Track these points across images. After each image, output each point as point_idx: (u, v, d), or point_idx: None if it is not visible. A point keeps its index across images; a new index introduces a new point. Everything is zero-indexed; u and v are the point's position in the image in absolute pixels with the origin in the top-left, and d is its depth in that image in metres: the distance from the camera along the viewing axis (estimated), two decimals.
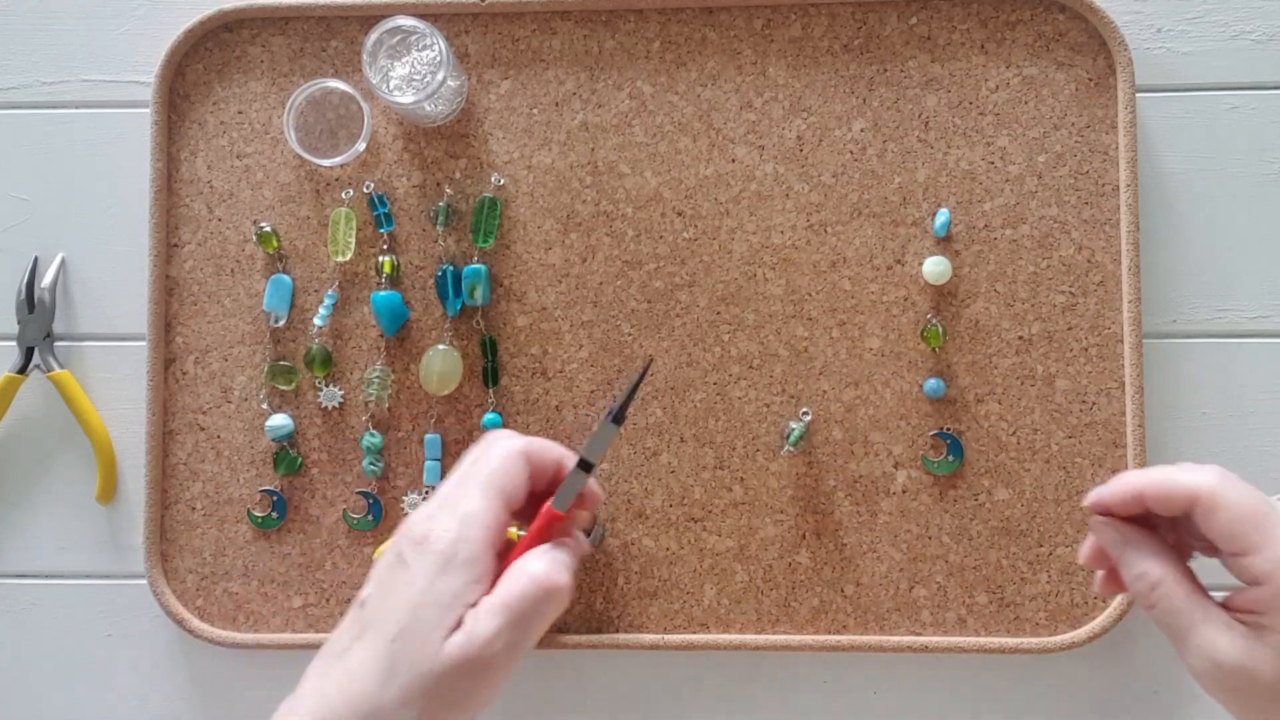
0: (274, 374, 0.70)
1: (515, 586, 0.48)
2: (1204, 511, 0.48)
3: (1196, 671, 0.48)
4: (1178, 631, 0.48)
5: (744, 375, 0.69)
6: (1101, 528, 0.51)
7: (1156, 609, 0.49)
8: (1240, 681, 0.47)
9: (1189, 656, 0.48)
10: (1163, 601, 0.49)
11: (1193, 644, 0.48)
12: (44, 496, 0.72)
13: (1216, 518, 0.47)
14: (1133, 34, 0.70)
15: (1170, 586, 0.49)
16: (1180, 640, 0.48)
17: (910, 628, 0.68)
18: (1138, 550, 0.50)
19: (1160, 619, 0.49)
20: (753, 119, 0.70)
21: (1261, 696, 0.47)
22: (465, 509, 0.49)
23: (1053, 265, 0.68)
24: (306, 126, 0.70)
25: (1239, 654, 0.47)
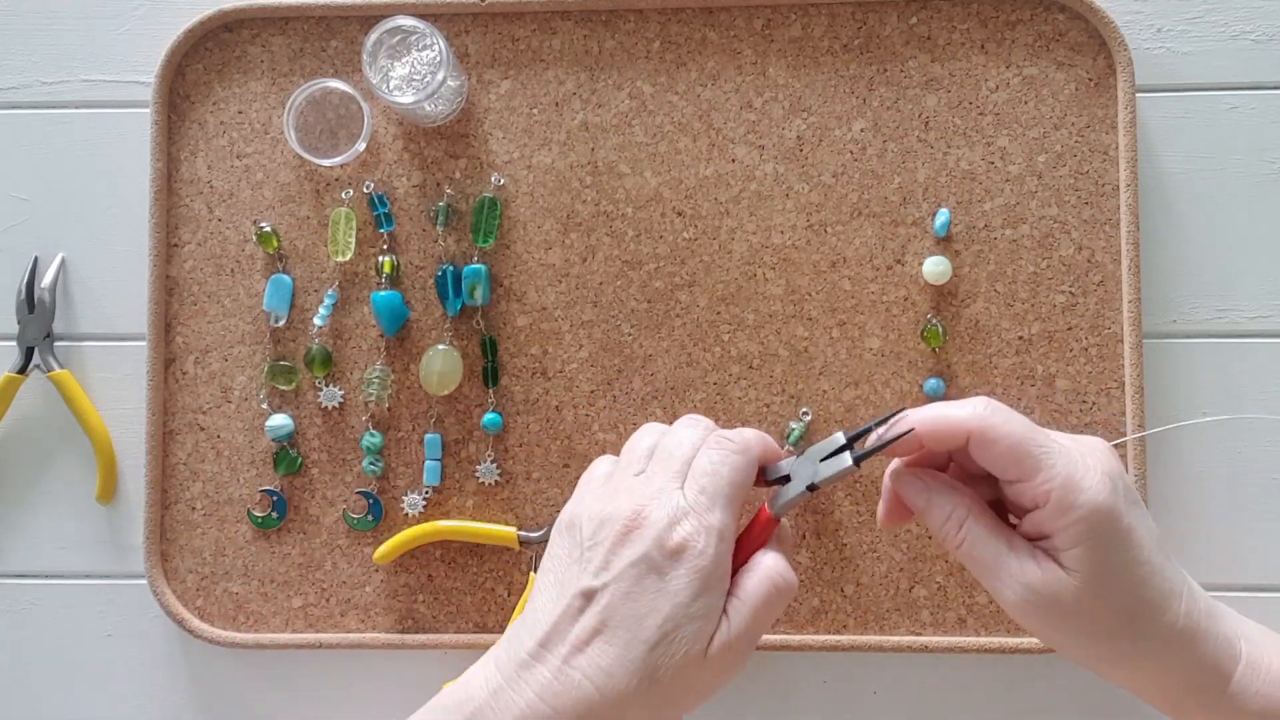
0: (274, 374, 0.70)
1: (760, 588, 0.50)
2: (978, 444, 0.49)
3: (1009, 603, 0.50)
4: (987, 566, 0.50)
5: (744, 375, 0.69)
6: (904, 478, 0.53)
7: (964, 546, 0.51)
8: (1046, 605, 0.49)
9: (1002, 589, 0.50)
10: (969, 536, 0.50)
11: (1003, 575, 0.49)
12: (44, 496, 0.72)
13: (991, 449, 0.49)
14: (1133, 34, 0.70)
15: (975, 522, 0.51)
16: (991, 574, 0.50)
17: (910, 628, 0.68)
18: (941, 493, 0.52)
19: (969, 555, 0.51)
20: (753, 119, 0.70)
21: (1066, 618, 0.49)
22: (718, 525, 0.49)
23: (1053, 265, 0.68)
24: (306, 126, 0.70)
25: (1041, 578, 0.49)
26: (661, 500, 0.50)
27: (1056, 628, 0.50)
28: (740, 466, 0.51)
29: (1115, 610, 0.49)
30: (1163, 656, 0.50)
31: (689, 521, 0.49)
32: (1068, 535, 0.48)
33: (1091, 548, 0.48)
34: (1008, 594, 0.49)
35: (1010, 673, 0.68)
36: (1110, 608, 0.49)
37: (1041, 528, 0.49)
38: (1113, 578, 0.48)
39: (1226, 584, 0.68)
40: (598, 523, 0.50)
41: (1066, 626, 0.49)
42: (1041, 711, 0.68)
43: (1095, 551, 0.48)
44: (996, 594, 0.50)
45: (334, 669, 0.70)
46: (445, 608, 0.69)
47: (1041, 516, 0.49)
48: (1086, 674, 0.68)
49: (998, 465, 0.50)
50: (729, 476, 0.51)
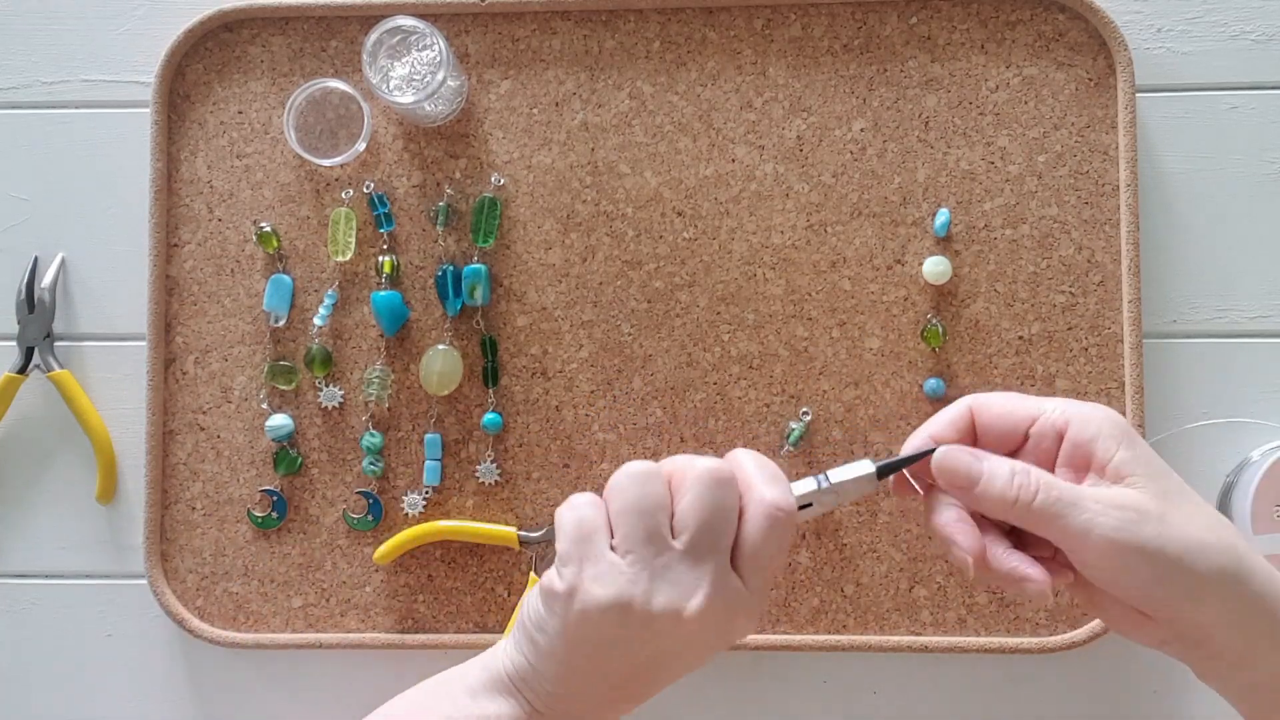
0: (274, 374, 0.70)
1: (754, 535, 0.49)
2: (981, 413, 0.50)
3: (1105, 531, 0.46)
4: (1070, 501, 0.47)
5: (744, 375, 0.69)
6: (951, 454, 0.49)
7: (1040, 491, 0.47)
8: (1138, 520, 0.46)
9: (1096, 519, 0.46)
10: (1042, 478, 0.48)
11: (1090, 504, 0.47)
12: (44, 496, 0.72)
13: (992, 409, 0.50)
14: (1133, 34, 0.70)
15: (1038, 472, 0.48)
16: (1075, 512, 0.47)
17: (910, 628, 0.68)
18: (992, 457, 0.49)
19: (1048, 500, 0.47)
20: (753, 119, 0.70)
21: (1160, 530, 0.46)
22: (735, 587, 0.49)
23: (1053, 265, 0.68)
24: (306, 126, 0.70)
25: (1125, 494, 0.47)
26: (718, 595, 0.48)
27: (1152, 546, 0.46)
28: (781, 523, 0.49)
29: (1186, 501, 0.47)
30: (1241, 561, 0.47)
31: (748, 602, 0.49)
32: (1104, 441, 0.47)
33: (1128, 444, 0.48)
34: (1105, 523, 0.46)
35: (1010, 673, 0.68)
36: (1182, 500, 0.47)
37: (1077, 455, 0.48)
38: (1164, 471, 0.48)
39: None
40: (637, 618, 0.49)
41: (1163, 538, 0.46)
42: (1041, 712, 0.68)
43: (1134, 448, 0.48)
44: (1085, 535, 0.46)
45: (334, 669, 0.70)
46: (445, 608, 0.69)
47: (1072, 443, 0.48)
48: (1086, 674, 0.68)
49: (1004, 419, 0.50)
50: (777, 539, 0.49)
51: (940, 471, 0.50)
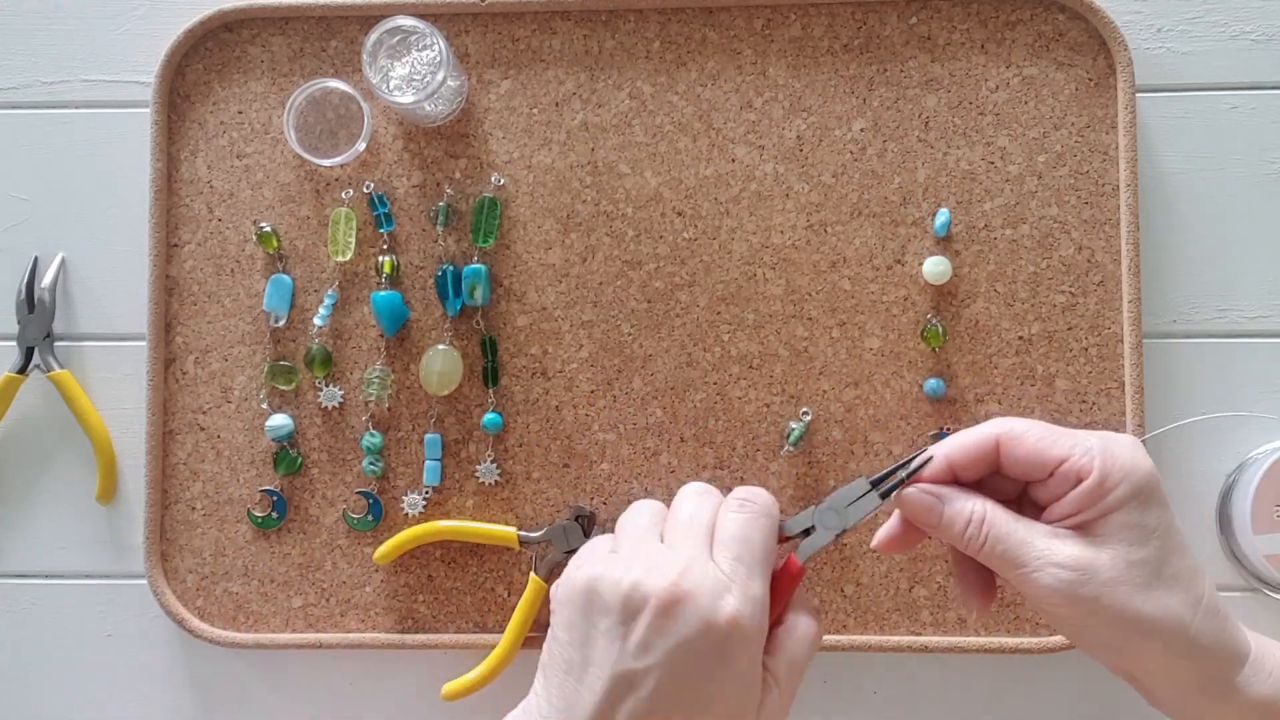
0: (274, 374, 0.70)
1: (804, 652, 0.50)
2: (1008, 445, 0.50)
3: (1043, 587, 0.49)
4: (1014, 554, 0.50)
5: (744, 375, 0.69)
6: (912, 496, 0.52)
7: (987, 542, 0.50)
8: (1080, 580, 0.48)
9: (1032, 574, 0.49)
10: (994, 530, 0.50)
11: (1032, 559, 0.49)
12: (44, 496, 0.72)
13: (1022, 444, 0.50)
14: (1133, 34, 0.70)
15: (995, 515, 0.50)
16: (1019, 563, 0.49)
17: (910, 628, 0.68)
18: (955, 500, 0.51)
19: (994, 551, 0.50)
20: (753, 119, 0.70)
21: (1100, 591, 0.48)
22: (760, 596, 0.48)
23: (1053, 265, 0.68)
24: (306, 126, 0.70)
25: (1077, 552, 0.49)
26: (696, 571, 0.47)
27: (1086, 604, 0.48)
28: (769, 529, 0.50)
29: (1150, 576, 0.48)
30: (1187, 633, 0.49)
31: (734, 595, 0.47)
32: (1112, 497, 0.48)
33: (1133, 509, 0.48)
34: (1041, 579, 0.49)
35: (1010, 673, 0.68)
36: (1145, 573, 0.48)
37: (1079, 502, 0.49)
38: (1150, 541, 0.49)
39: (1225, 584, 0.68)
40: (624, 594, 0.46)
41: (1097, 601, 0.48)
42: (1041, 712, 0.68)
43: (1136, 513, 0.48)
44: (1026, 583, 0.49)
45: (334, 669, 0.70)
46: (445, 608, 0.69)
47: (1082, 490, 0.49)
48: (1086, 674, 0.68)
49: (1033, 458, 0.50)
50: (761, 541, 0.49)
51: (903, 507, 0.53)
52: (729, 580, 0.47)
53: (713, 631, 0.46)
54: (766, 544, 0.49)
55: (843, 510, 0.52)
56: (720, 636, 0.46)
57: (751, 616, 0.47)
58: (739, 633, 0.46)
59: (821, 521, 0.52)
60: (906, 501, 0.52)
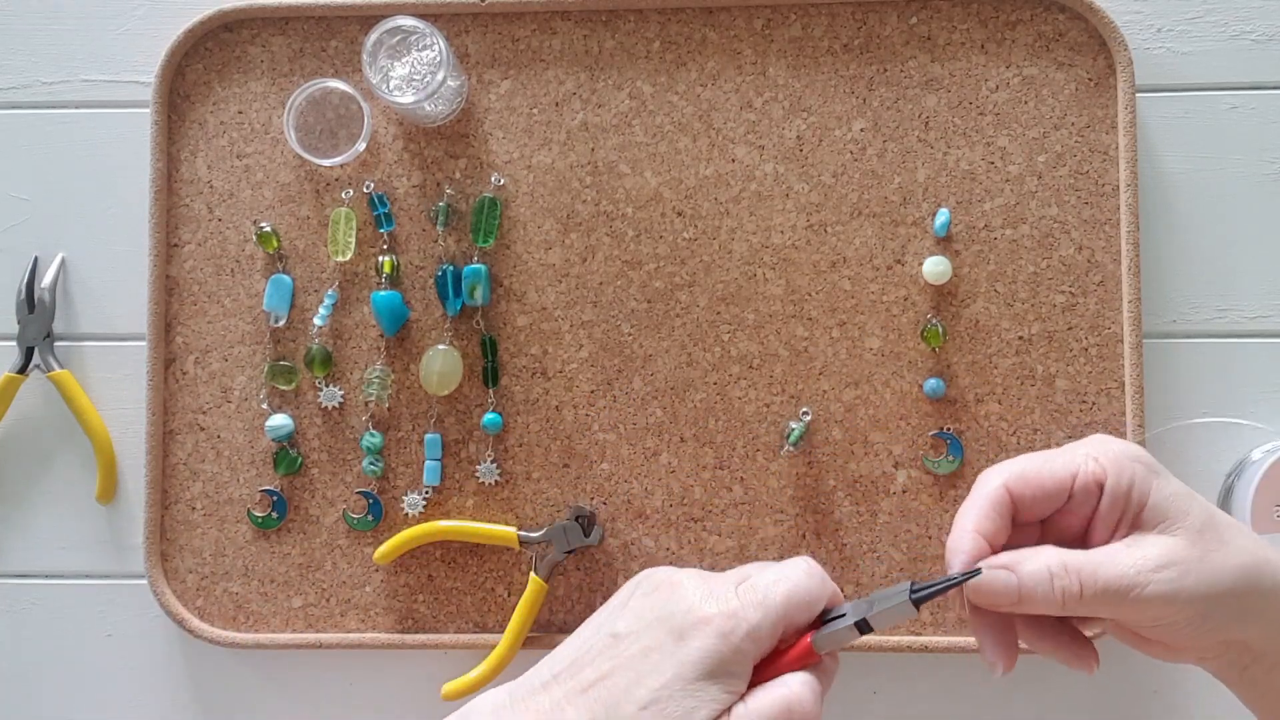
0: (274, 374, 0.70)
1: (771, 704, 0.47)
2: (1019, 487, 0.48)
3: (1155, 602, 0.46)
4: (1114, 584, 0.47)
5: (744, 375, 0.69)
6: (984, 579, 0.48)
7: (1084, 586, 0.47)
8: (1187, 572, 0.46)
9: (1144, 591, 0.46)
10: (1081, 570, 0.47)
11: (1134, 579, 0.46)
12: (44, 496, 0.72)
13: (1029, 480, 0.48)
14: (1133, 34, 0.70)
15: (1071, 557, 0.47)
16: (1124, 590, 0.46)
17: (910, 627, 0.68)
18: (1025, 562, 0.48)
19: (1094, 590, 0.47)
20: (753, 119, 0.70)
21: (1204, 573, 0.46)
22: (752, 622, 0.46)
23: (1053, 265, 0.68)
24: (306, 126, 0.70)
25: (1158, 550, 0.47)
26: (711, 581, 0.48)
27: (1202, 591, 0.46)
28: (801, 587, 0.48)
29: (1218, 529, 0.47)
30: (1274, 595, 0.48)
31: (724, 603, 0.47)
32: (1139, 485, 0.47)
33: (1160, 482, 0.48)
34: (1152, 591, 0.46)
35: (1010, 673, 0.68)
36: (1216, 531, 0.47)
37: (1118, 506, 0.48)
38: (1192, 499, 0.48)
39: None
40: (654, 581, 0.48)
41: (1206, 580, 0.46)
42: (1042, 712, 0.68)
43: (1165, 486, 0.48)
44: (1137, 606, 0.47)
45: (334, 669, 0.70)
46: (445, 608, 0.69)
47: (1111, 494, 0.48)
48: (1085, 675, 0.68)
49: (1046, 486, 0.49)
50: (784, 590, 0.48)
51: (979, 598, 0.49)
52: (731, 596, 0.47)
53: (688, 616, 0.47)
54: (790, 596, 0.48)
55: (875, 604, 0.48)
56: (691, 623, 0.46)
57: (730, 628, 0.46)
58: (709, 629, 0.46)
59: (853, 610, 0.49)
60: (979, 589, 0.49)
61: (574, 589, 0.69)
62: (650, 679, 0.46)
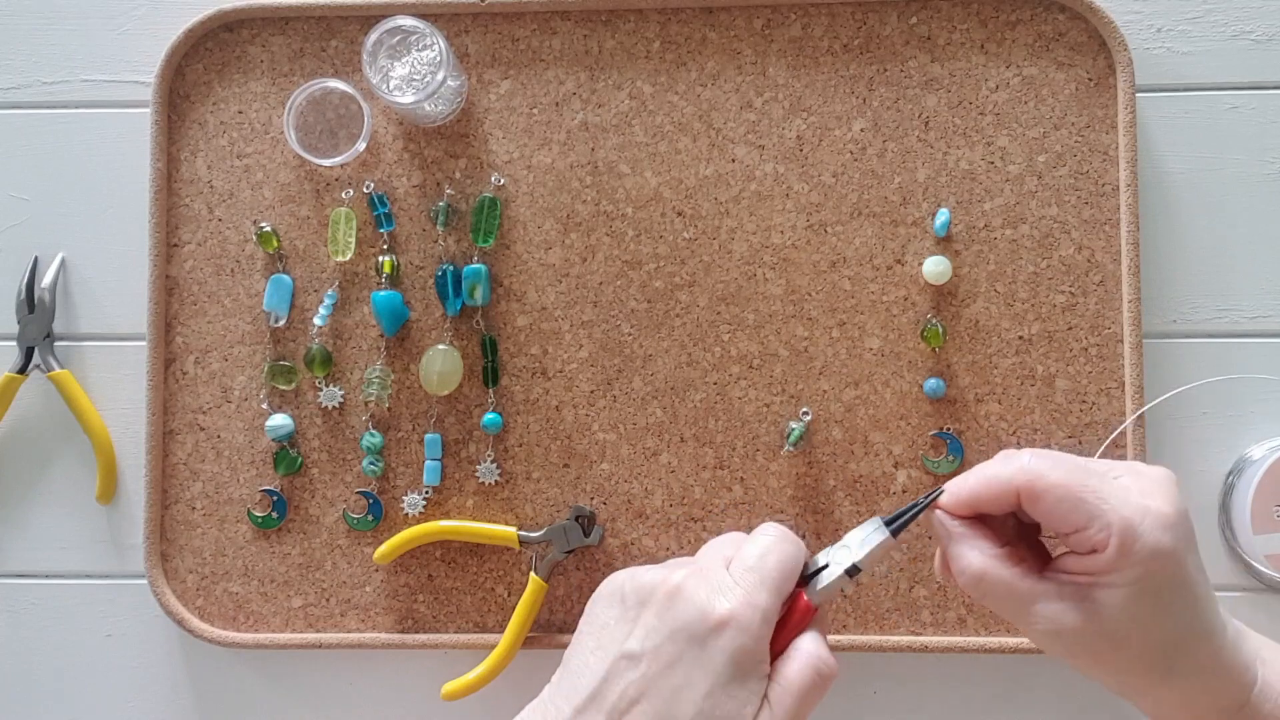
0: (274, 374, 0.70)
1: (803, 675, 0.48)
2: (1027, 499, 0.49)
3: (1041, 642, 0.50)
4: (1013, 613, 0.50)
5: (744, 375, 0.69)
6: (937, 523, 0.52)
7: (986, 599, 0.50)
8: (1082, 640, 0.48)
9: (1031, 631, 0.50)
10: (991, 591, 0.50)
11: (1031, 620, 0.49)
12: (44, 496, 0.72)
13: (1041, 503, 0.49)
14: (1133, 34, 0.70)
15: (994, 575, 0.50)
16: (1018, 618, 0.50)
17: (910, 628, 0.68)
18: (960, 544, 0.51)
19: (993, 606, 0.50)
20: (753, 119, 0.70)
21: (1101, 646, 0.48)
22: (763, 605, 0.48)
23: (1053, 265, 0.68)
24: (306, 126, 0.70)
25: (1077, 618, 0.48)
26: (707, 574, 0.49)
27: (1091, 656, 0.49)
28: (787, 554, 0.50)
29: (1158, 647, 0.48)
30: (1195, 685, 0.49)
31: (733, 595, 0.48)
32: (1124, 576, 0.47)
33: (1147, 590, 0.47)
34: (1038, 637, 0.49)
35: (1010, 673, 0.68)
36: (1154, 646, 0.48)
37: (1095, 568, 0.48)
38: (1164, 618, 0.48)
39: (1223, 584, 0.68)
40: (644, 590, 0.49)
41: (1100, 662, 0.49)
42: (1041, 712, 0.68)
43: (1149, 596, 0.47)
44: (1025, 632, 0.50)
45: (334, 669, 0.70)
46: (445, 608, 0.69)
47: (1099, 561, 0.48)
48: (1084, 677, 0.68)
49: (1050, 519, 0.49)
50: (775, 561, 0.49)
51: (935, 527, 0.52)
52: (734, 584, 0.48)
53: (705, 620, 0.47)
54: (782, 566, 0.49)
55: (855, 548, 0.51)
56: (711, 627, 0.47)
57: (749, 620, 0.47)
58: (730, 629, 0.47)
59: (833, 558, 0.51)
60: (935, 523, 0.52)
61: (574, 589, 0.69)
62: (687, 693, 0.46)
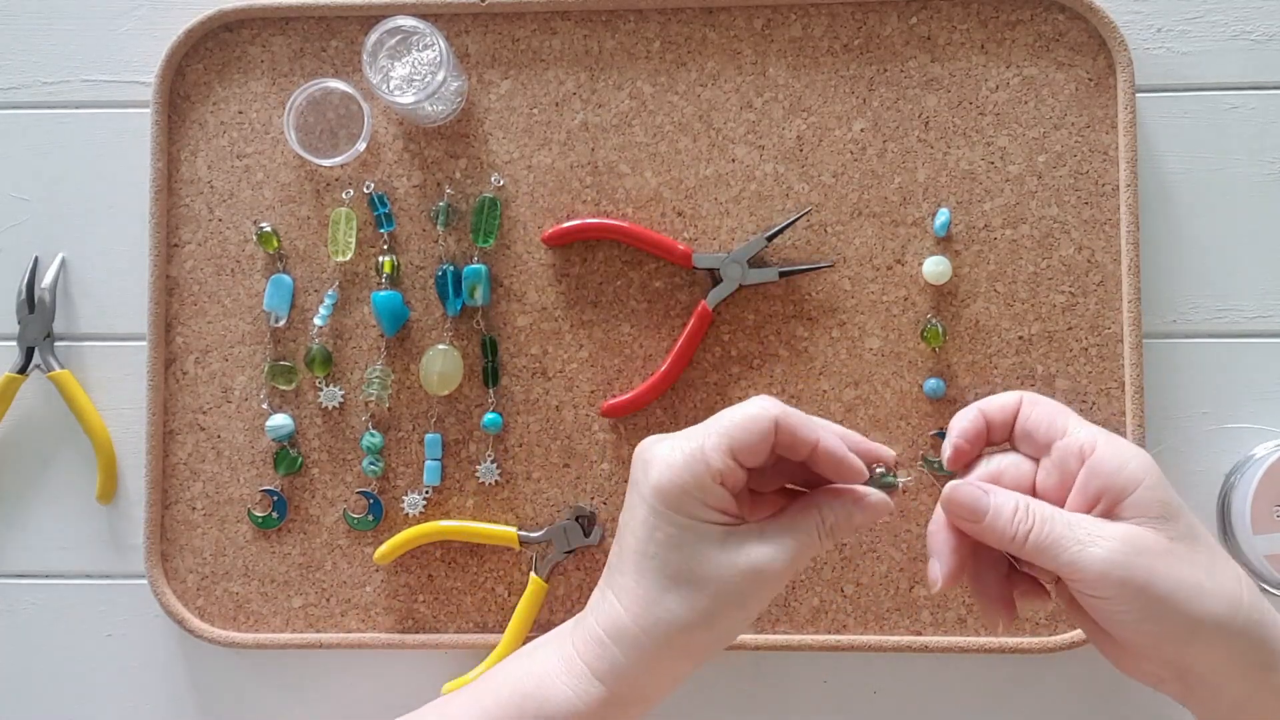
0: (274, 374, 0.70)
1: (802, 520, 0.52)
2: (1029, 407, 0.53)
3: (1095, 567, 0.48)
4: (1062, 536, 0.49)
5: (744, 375, 0.69)
6: (960, 489, 0.52)
7: (1035, 527, 0.50)
8: (1138, 552, 0.48)
9: (1087, 549, 0.48)
10: (1039, 514, 0.50)
11: (1083, 536, 0.49)
12: (44, 496, 0.72)
13: (1037, 409, 0.52)
14: (1133, 34, 0.70)
15: (1039, 504, 0.51)
16: (1069, 542, 0.49)
17: (910, 628, 0.68)
18: (999, 492, 0.51)
19: (1042, 536, 0.49)
20: (753, 119, 0.70)
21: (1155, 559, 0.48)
22: (690, 449, 0.51)
23: (1053, 265, 0.68)
24: (306, 126, 0.70)
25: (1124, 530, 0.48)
26: (674, 434, 0.52)
27: (1143, 580, 0.48)
28: (752, 414, 0.51)
29: (1192, 549, 0.48)
30: (1240, 607, 0.48)
31: (666, 442, 0.51)
32: (1129, 472, 0.49)
33: (1152, 484, 0.49)
34: (1093, 552, 0.48)
35: (1010, 673, 0.68)
36: (1188, 546, 0.48)
37: (1097, 480, 0.50)
38: (1180, 514, 0.49)
39: None
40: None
41: (1154, 573, 0.48)
42: (1042, 711, 0.68)
43: (1157, 489, 0.49)
44: (1077, 565, 0.48)
45: (334, 669, 0.70)
46: (445, 608, 0.69)
47: (1094, 464, 0.50)
48: (1086, 674, 0.68)
49: (1041, 423, 0.52)
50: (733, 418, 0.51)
51: (949, 504, 0.52)
52: (680, 434, 0.52)
53: (639, 465, 0.52)
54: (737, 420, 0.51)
55: (744, 265, 0.62)
56: (639, 469, 0.52)
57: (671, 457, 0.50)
58: (651, 467, 0.51)
59: (726, 273, 0.63)
60: (953, 497, 0.52)
61: (574, 589, 0.69)
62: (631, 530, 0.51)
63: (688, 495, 0.50)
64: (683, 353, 0.68)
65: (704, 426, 0.51)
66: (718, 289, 0.68)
